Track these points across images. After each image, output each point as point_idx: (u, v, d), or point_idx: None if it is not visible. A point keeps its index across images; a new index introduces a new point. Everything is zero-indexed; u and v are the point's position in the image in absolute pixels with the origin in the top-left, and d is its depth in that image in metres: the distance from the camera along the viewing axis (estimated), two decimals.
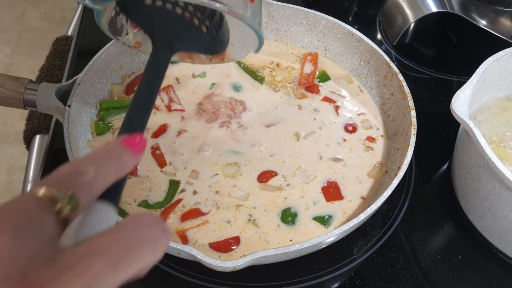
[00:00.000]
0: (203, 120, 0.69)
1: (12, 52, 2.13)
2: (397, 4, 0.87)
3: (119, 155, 0.31)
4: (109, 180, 0.30)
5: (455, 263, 0.60)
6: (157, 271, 0.58)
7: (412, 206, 0.65)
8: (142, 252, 0.27)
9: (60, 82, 0.83)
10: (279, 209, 0.60)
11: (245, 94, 0.73)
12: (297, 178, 0.63)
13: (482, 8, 0.84)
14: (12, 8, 2.34)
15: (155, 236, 0.28)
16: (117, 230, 0.27)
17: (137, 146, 0.32)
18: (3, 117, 1.88)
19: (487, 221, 0.59)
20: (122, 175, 0.31)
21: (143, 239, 0.27)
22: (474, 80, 0.59)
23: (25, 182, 0.76)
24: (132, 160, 0.32)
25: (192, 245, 0.57)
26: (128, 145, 0.32)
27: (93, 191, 0.29)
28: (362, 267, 0.59)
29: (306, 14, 0.77)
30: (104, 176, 0.30)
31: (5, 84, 0.63)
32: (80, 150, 0.62)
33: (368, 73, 0.74)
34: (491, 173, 0.54)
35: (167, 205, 0.60)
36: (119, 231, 0.27)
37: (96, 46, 0.70)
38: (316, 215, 0.60)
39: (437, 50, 0.91)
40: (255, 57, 0.79)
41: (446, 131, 0.75)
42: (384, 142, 0.68)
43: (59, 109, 0.63)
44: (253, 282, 0.57)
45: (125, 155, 0.31)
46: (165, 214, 0.59)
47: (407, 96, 0.65)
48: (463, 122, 0.56)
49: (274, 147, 0.67)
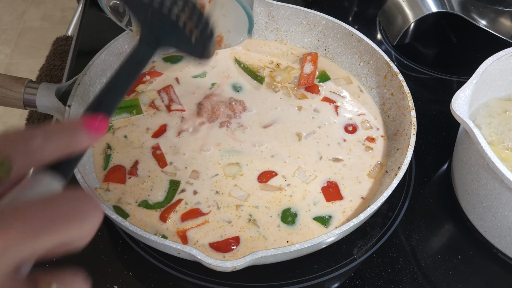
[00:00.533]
0: (203, 120, 0.69)
1: (12, 52, 2.13)
2: (397, 4, 0.87)
3: (74, 131, 0.31)
4: (56, 153, 0.30)
5: (455, 263, 0.60)
6: (157, 271, 0.58)
7: (412, 206, 0.65)
8: (67, 224, 0.27)
9: (60, 82, 0.84)
10: (279, 209, 0.60)
11: (245, 94, 0.74)
12: (297, 178, 0.63)
13: (482, 8, 0.84)
14: (12, 8, 2.34)
15: (84, 211, 0.28)
16: (47, 201, 0.27)
17: (96, 128, 0.32)
18: (3, 117, 1.88)
19: (487, 221, 0.59)
20: (73, 151, 0.31)
21: (71, 212, 0.27)
22: (474, 80, 0.59)
23: None
24: (87, 139, 0.32)
25: (192, 245, 0.57)
26: (87, 124, 0.32)
27: (35, 159, 0.29)
28: (362, 267, 0.59)
29: (306, 14, 0.77)
30: (52, 148, 0.30)
31: (5, 84, 0.63)
32: None
33: (368, 73, 0.74)
34: (491, 173, 0.54)
35: (167, 205, 0.60)
36: (48, 201, 0.27)
37: (96, 46, 0.70)
38: (316, 215, 0.60)
39: (437, 50, 0.91)
40: (255, 57, 0.79)
41: (446, 131, 0.75)
42: (384, 142, 0.68)
43: (59, 109, 0.63)
44: (253, 282, 0.57)
45: (80, 133, 0.31)
46: (165, 214, 0.59)
47: (407, 96, 0.65)
48: (463, 122, 0.56)
49: (275, 147, 0.67)
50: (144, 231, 0.51)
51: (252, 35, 0.81)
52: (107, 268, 0.58)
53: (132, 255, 0.59)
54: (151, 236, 0.50)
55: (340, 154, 0.66)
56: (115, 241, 0.60)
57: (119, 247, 0.60)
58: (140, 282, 0.57)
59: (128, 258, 0.59)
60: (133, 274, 0.57)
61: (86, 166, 0.62)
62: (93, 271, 0.57)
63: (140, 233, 0.50)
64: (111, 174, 0.63)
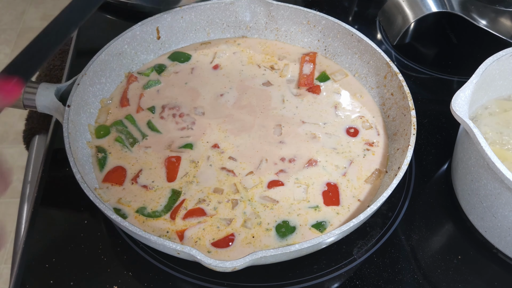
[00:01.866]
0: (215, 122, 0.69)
1: (12, 52, 2.13)
2: (397, 4, 0.87)
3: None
4: None
5: (455, 263, 0.60)
6: (157, 271, 0.58)
7: (412, 206, 0.65)
8: None
9: (59, 82, 0.84)
10: (279, 214, 0.60)
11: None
12: (296, 180, 0.63)
13: (482, 8, 0.84)
14: (12, 8, 2.34)
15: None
16: None
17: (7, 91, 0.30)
18: (3, 117, 1.88)
19: (487, 221, 0.59)
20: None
21: None
22: (474, 80, 0.59)
23: (24, 182, 0.76)
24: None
25: (191, 245, 0.57)
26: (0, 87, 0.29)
27: None
28: (362, 267, 0.59)
29: (306, 14, 0.76)
30: None
31: None
32: (79, 150, 0.62)
33: (368, 73, 0.74)
34: (491, 173, 0.54)
35: (169, 212, 0.60)
36: None
37: (96, 46, 0.70)
38: (315, 221, 0.60)
39: (437, 50, 0.91)
40: (256, 57, 0.79)
41: (446, 131, 0.75)
42: (384, 144, 0.68)
43: (58, 109, 0.63)
44: (253, 282, 0.57)
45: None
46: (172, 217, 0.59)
47: (407, 96, 0.65)
48: (463, 122, 0.56)
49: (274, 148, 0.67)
50: (144, 231, 0.50)
51: (252, 35, 0.81)
52: (107, 268, 0.58)
53: (132, 255, 0.59)
54: (151, 236, 0.50)
55: (339, 157, 0.66)
56: (115, 241, 0.60)
57: (119, 247, 0.60)
58: (139, 282, 0.57)
59: (128, 258, 0.59)
60: (132, 274, 0.57)
61: (85, 166, 0.62)
62: (93, 271, 0.57)
63: (139, 233, 0.50)
64: (111, 174, 0.63)
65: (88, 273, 0.57)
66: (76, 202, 0.63)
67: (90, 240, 0.60)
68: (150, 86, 0.73)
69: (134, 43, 0.74)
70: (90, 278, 0.57)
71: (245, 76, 0.76)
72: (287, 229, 0.58)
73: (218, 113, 0.71)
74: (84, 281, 0.56)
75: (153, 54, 0.77)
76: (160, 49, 0.78)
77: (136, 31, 0.73)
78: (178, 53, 0.78)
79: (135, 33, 0.73)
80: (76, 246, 0.60)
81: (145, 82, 0.74)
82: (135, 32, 0.73)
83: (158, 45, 0.77)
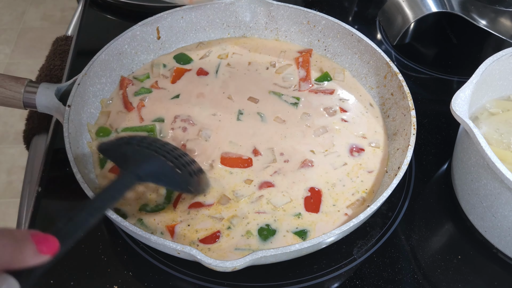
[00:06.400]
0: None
1: (12, 52, 2.13)
2: (397, 4, 0.87)
3: (20, 244, 0.29)
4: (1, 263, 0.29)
5: (455, 263, 0.60)
6: (157, 271, 0.58)
7: (412, 206, 0.65)
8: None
9: (60, 82, 0.83)
10: (266, 218, 0.60)
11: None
12: (291, 185, 0.63)
13: (482, 8, 0.84)
14: (12, 8, 2.34)
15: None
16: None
17: (45, 246, 0.30)
18: (3, 117, 1.88)
19: (487, 221, 0.59)
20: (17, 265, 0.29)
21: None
22: (474, 80, 0.59)
23: (25, 182, 0.76)
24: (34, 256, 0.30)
25: (181, 240, 0.57)
26: (36, 240, 0.30)
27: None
28: (362, 267, 0.59)
29: (306, 14, 0.77)
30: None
31: (5, 84, 0.63)
32: (79, 150, 0.62)
33: (368, 73, 0.74)
34: (491, 173, 0.54)
35: (170, 203, 0.60)
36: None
37: (96, 46, 0.70)
38: (297, 229, 0.59)
39: (437, 50, 0.91)
40: (256, 57, 0.78)
41: (446, 131, 0.75)
42: (384, 144, 0.68)
43: (59, 109, 0.63)
44: (253, 282, 0.57)
45: (27, 247, 0.30)
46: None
47: (407, 96, 0.65)
48: (463, 122, 0.56)
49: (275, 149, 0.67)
50: (144, 231, 0.51)
51: (252, 35, 0.81)
52: (107, 268, 0.58)
53: (132, 255, 0.59)
54: (151, 236, 0.50)
55: (339, 159, 0.66)
56: (115, 241, 0.60)
57: (119, 247, 0.60)
58: (140, 282, 0.57)
59: (128, 258, 0.59)
60: (133, 274, 0.57)
61: (85, 166, 0.62)
62: (93, 271, 0.57)
63: (140, 233, 0.50)
64: (117, 169, 0.63)
65: (88, 273, 0.57)
66: (76, 202, 0.63)
67: (90, 240, 0.60)
68: (141, 93, 0.72)
69: (134, 43, 0.74)
70: (90, 278, 0.57)
71: (245, 76, 0.76)
72: (269, 232, 0.58)
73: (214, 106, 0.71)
74: (84, 281, 0.56)
75: (153, 54, 0.77)
76: (160, 49, 0.78)
77: (136, 31, 0.73)
78: (181, 55, 0.78)
79: (135, 33, 0.73)
80: (76, 245, 0.59)
81: (137, 88, 0.73)
82: (135, 32, 0.73)
83: (158, 45, 0.77)
